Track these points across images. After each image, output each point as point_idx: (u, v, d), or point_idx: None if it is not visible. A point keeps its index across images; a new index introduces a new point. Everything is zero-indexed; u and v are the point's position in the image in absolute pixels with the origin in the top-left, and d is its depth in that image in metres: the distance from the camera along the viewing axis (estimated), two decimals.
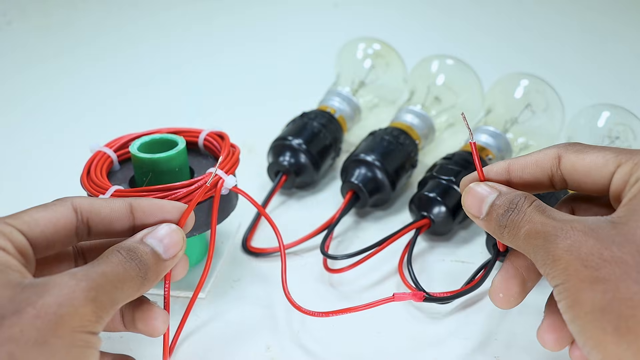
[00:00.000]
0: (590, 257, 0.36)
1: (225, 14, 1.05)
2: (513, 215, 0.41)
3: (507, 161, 0.44)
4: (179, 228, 0.41)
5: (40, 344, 0.33)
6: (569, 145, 0.42)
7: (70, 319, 0.34)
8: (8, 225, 0.37)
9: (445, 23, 1.03)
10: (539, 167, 0.42)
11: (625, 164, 0.39)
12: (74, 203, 0.40)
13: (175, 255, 0.41)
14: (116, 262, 0.38)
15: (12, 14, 1.03)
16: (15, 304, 0.34)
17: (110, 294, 0.37)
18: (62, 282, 0.35)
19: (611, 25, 0.98)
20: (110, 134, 0.58)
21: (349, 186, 0.60)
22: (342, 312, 0.46)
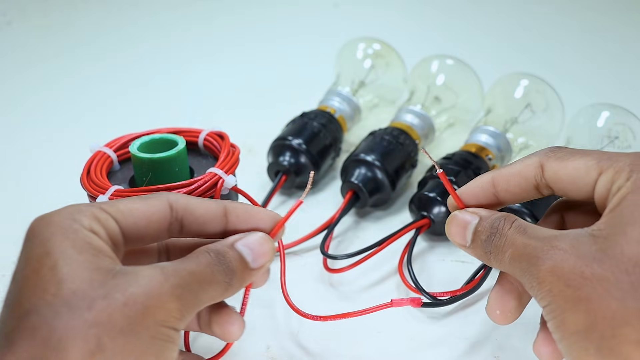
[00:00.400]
0: (572, 276, 0.36)
1: (225, 13, 1.05)
2: (496, 240, 0.40)
3: (491, 174, 0.43)
4: (270, 238, 0.41)
5: (126, 332, 0.33)
6: (550, 152, 0.42)
7: (156, 312, 0.34)
8: (104, 211, 0.38)
9: (445, 23, 1.03)
10: (523, 178, 0.42)
11: (607, 171, 0.39)
12: (171, 199, 0.40)
13: (263, 265, 0.40)
14: (205, 263, 0.38)
15: (12, 14, 1.03)
16: (105, 288, 0.34)
17: (196, 294, 0.37)
18: (151, 274, 0.35)
19: (611, 25, 0.98)
20: (110, 134, 0.58)
21: (349, 186, 0.60)
22: (339, 317, 0.46)
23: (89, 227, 0.36)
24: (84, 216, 0.36)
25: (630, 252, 0.35)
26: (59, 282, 0.34)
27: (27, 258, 0.35)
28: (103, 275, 0.34)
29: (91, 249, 0.35)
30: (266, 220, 0.41)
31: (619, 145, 0.58)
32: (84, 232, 0.36)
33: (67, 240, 0.35)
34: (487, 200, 0.43)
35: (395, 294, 0.54)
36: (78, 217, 0.36)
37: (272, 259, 0.41)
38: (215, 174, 0.50)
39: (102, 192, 0.49)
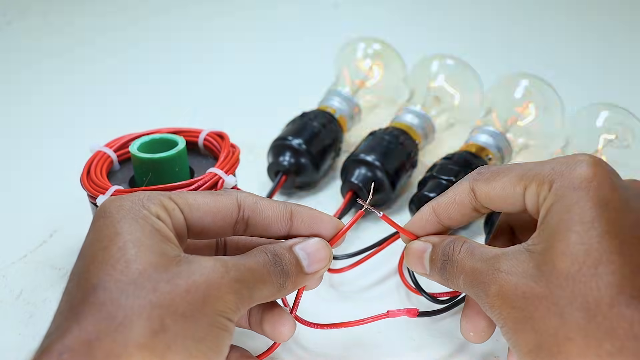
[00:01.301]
0: (516, 297, 0.37)
1: (225, 14, 1.05)
2: (449, 267, 0.42)
3: (430, 205, 0.44)
4: (328, 245, 0.42)
5: (187, 316, 0.35)
6: (477, 174, 0.43)
7: (215, 302, 0.36)
8: (172, 202, 0.39)
9: (445, 23, 1.03)
10: (459, 205, 0.43)
11: (530, 185, 0.40)
12: (240, 198, 0.41)
13: (318, 271, 0.41)
14: (262, 262, 0.39)
15: (12, 14, 1.03)
16: (170, 274, 0.35)
17: (251, 290, 0.38)
18: (213, 266, 0.37)
19: (611, 25, 0.98)
20: (110, 134, 0.58)
21: (349, 186, 0.60)
22: (335, 326, 0.46)
23: (157, 214, 0.38)
24: (152, 204, 0.38)
25: (562, 266, 0.36)
26: (127, 261, 0.35)
27: (97, 236, 0.37)
28: (168, 261, 0.36)
29: (158, 235, 0.37)
30: (329, 227, 0.42)
31: (618, 144, 0.59)
32: (152, 219, 0.37)
33: (136, 224, 0.36)
34: (435, 230, 0.45)
35: (395, 294, 0.54)
36: (147, 204, 0.38)
37: (328, 265, 0.42)
38: (215, 174, 0.50)
39: (102, 192, 0.49)
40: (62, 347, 0.33)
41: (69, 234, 0.60)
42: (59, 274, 0.56)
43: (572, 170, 0.38)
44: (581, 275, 0.36)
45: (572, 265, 0.36)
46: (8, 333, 0.51)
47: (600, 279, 0.35)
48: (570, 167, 0.38)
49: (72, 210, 0.61)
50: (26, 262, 0.57)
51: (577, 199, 0.37)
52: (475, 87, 0.67)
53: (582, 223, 0.36)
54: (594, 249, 0.36)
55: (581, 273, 0.36)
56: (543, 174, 0.39)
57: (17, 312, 0.52)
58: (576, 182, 0.37)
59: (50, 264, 0.57)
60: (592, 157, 0.39)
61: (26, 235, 0.60)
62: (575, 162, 0.38)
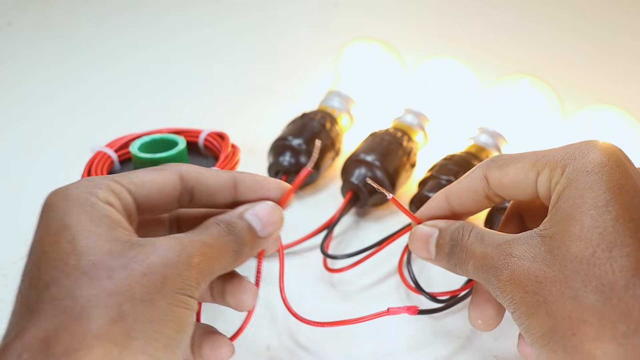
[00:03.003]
0: (528, 282, 0.37)
1: (225, 14, 1.05)
2: (457, 252, 0.42)
3: (443, 192, 0.44)
4: (278, 207, 0.41)
5: (146, 300, 0.34)
6: (491, 162, 0.42)
7: (174, 281, 0.35)
8: (118, 184, 0.38)
9: (445, 23, 1.03)
10: (472, 192, 0.43)
11: (543, 170, 0.40)
12: (182, 170, 0.40)
13: (272, 233, 0.41)
14: (216, 234, 0.39)
15: (13, 15, 1.03)
16: (124, 259, 0.35)
17: (210, 263, 0.37)
18: (168, 245, 0.36)
19: (611, 25, 0.98)
20: (110, 134, 0.58)
21: (349, 186, 0.60)
22: (335, 324, 0.46)
23: (105, 200, 0.37)
24: (99, 189, 0.37)
25: (575, 250, 0.36)
26: (79, 254, 0.34)
27: (45, 231, 0.36)
28: (121, 247, 0.35)
29: (108, 221, 0.36)
30: (275, 189, 0.42)
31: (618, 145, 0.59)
32: (100, 205, 0.36)
33: (84, 213, 0.36)
34: (445, 216, 0.45)
35: (395, 294, 0.54)
36: (94, 190, 0.37)
37: (281, 227, 0.41)
38: None
39: None
40: (21, 346, 0.32)
41: None
42: None
43: (585, 154, 0.38)
44: (595, 259, 0.36)
45: (586, 248, 0.36)
46: None
47: (614, 261, 0.35)
48: (583, 152, 0.38)
49: None
50: None
51: (590, 183, 0.37)
52: (475, 87, 0.67)
53: (596, 207, 0.36)
54: (608, 232, 0.36)
55: (595, 256, 0.36)
56: (556, 159, 0.39)
57: None
58: (589, 166, 0.38)
59: None
60: (605, 143, 0.39)
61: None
62: (588, 147, 0.39)
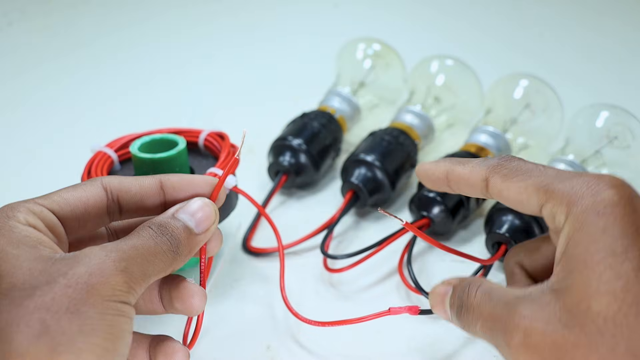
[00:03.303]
0: (545, 347, 0.33)
1: (225, 14, 1.05)
2: (464, 313, 0.39)
3: (447, 167, 0.43)
4: (210, 202, 0.41)
5: (72, 311, 0.33)
6: (497, 167, 0.40)
7: (101, 288, 0.34)
8: (38, 204, 0.38)
9: (445, 23, 1.03)
10: (471, 185, 0.42)
11: (547, 204, 0.37)
12: (104, 182, 0.40)
13: (208, 229, 0.40)
14: (147, 236, 0.38)
15: (13, 15, 1.03)
16: (46, 275, 0.34)
17: (141, 266, 0.36)
18: (92, 253, 0.35)
19: (611, 25, 0.98)
20: (110, 134, 0.58)
21: (349, 186, 0.60)
22: (336, 323, 0.46)
23: (25, 221, 0.36)
24: (17, 212, 0.37)
25: (598, 307, 0.32)
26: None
27: None
28: (43, 264, 0.35)
29: (29, 241, 0.35)
30: (203, 185, 0.41)
31: (618, 145, 0.59)
32: (19, 227, 0.36)
33: (2, 238, 0.35)
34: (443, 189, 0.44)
35: (395, 294, 0.54)
36: (12, 213, 0.37)
37: (216, 221, 0.41)
38: (216, 174, 0.51)
39: None
40: None
41: None
42: None
43: (594, 193, 0.35)
44: (622, 316, 0.32)
45: (609, 304, 0.32)
46: None
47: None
48: (591, 189, 0.35)
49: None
50: None
51: (603, 227, 0.33)
52: (474, 88, 0.67)
53: (614, 254, 0.33)
54: (632, 284, 0.32)
55: (622, 313, 0.32)
56: (562, 193, 0.36)
57: None
58: (600, 206, 0.34)
59: None
60: (614, 179, 0.35)
61: None
62: (597, 184, 0.35)
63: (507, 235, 0.53)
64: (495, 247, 0.54)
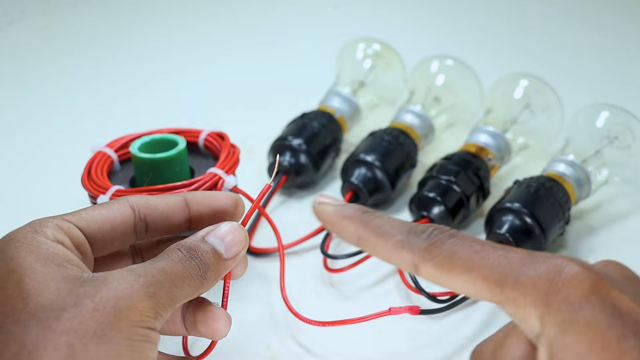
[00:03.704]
0: None
1: (225, 14, 1.05)
2: None
3: (358, 232, 0.36)
4: (241, 226, 0.40)
5: (99, 336, 0.33)
6: (426, 253, 0.34)
7: (128, 313, 0.34)
8: (66, 221, 0.38)
9: (445, 23, 1.03)
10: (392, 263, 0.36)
11: (506, 306, 0.32)
12: (130, 201, 0.40)
13: (237, 254, 0.40)
14: (176, 259, 0.37)
15: (13, 15, 1.03)
16: (74, 297, 0.33)
17: (169, 291, 0.36)
18: (120, 277, 0.35)
19: (611, 25, 0.98)
20: (110, 134, 0.58)
21: (349, 186, 0.60)
22: (337, 323, 0.46)
23: (53, 237, 0.36)
24: (46, 227, 0.36)
25: None
26: (26, 297, 0.33)
27: None
28: (71, 284, 0.34)
29: (57, 259, 0.35)
30: (227, 201, 0.41)
31: (618, 145, 0.59)
32: (47, 243, 0.36)
33: (30, 254, 0.35)
34: None
35: (395, 294, 0.54)
36: (40, 229, 0.36)
37: (246, 247, 0.40)
38: (216, 174, 0.51)
39: (102, 192, 0.49)
40: None
41: None
42: None
43: (562, 289, 0.30)
44: None
45: None
46: None
47: None
48: (556, 284, 0.30)
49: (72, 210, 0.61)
50: None
51: (589, 336, 0.29)
52: (474, 88, 0.67)
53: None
54: None
55: None
56: (522, 295, 0.31)
57: None
58: (575, 307, 0.30)
59: None
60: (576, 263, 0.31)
61: None
62: (558, 274, 0.31)
63: (508, 236, 0.53)
64: None
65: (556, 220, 0.54)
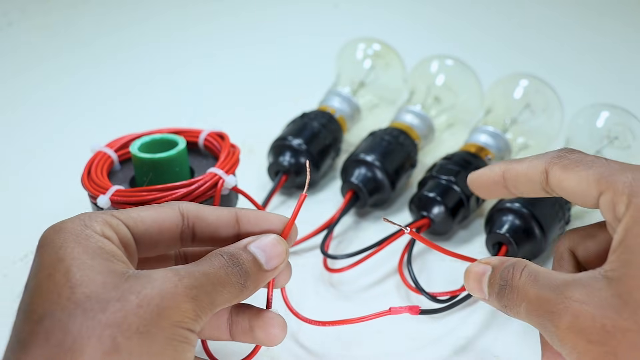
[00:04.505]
0: (594, 330, 0.34)
1: (225, 14, 1.05)
2: (507, 293, 0.39)
3: (502, 168, 0.43)
4: (282, 239, 0.41)
5: (141, 332, 0.33)
6: (557, 157, 0.41)
7: (171, 313, 0.34)
8: (115, 217, 0.38)
9: (445, 23, 1.03)
10: (529, 180, 0.42)
11: (606, 192, 0.37)
12: (182, 207, 0.40)
13: (277, 266, 0.40)
14: (218, 265, 0.38)
15: (13, 15, 1.03)
16: (119, 291, 0.34)
17: (210, 295, 0.36)
18: (165, 276, 0.35)
19: (611, 25, 0.98)
20: (110, 134, 0.58)
21: (349, 186, 0.60)
22: (337, 323, 0.46)
23: (101, 232, 0.37)
24: (95, 222, 0.37)
25: None
26: (73, 286, 0.34)
27: (40, 265, 0.36)
28: (116, 279, 0.35)
29: (104, 253, 0.36)
30: (277, 223, 0.42)
31: (619, 145, 0.59)
32: (96, 237, 0.36)
33: (79, 245, 0.35)
34: (498, 191, 0.44)
35: (395, 294, 0.54)
36: (90, 222, 0.37)
37: (286, 259, 0.41)
38: (216, 174, 0.51)
39: (102, 192, 0.49)
40: None
41: None
42: None
43: None
44: None
45: None
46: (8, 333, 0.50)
47: None
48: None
49: (72, 211, 0.61)
50: (27, 262, 0.57)
51: None
52: (474, 87, 0.67)
53: None
54: None
55: None
56: (622, 184, 0.36)
57: None
58: None
59: None
60: None
61: (27, 235, 0.60)
62: None
63: (508, 236, 0.53)
64: (496, 248, 0.54)
65: (556, 220, 0.54)
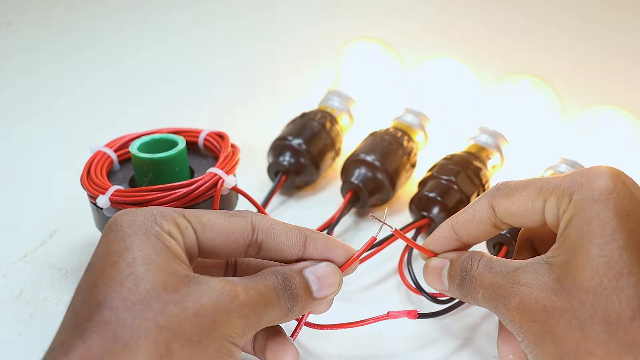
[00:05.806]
0: (536, 310, 0.37)
1: (225, 14, 1.05)
2: (467, 282, 0.42)
3: (449, 222, 0.44)
4: (338, 270, 0.41)
5: (194, 341, 0.34)
6: (496, 191, 0.42)
7: (222, 327, 0.35)
8: (185, 219, 0.38)
9: (445, 23, 1.03)
10: (478, 222, 0.43)
11: (550, 198, 0.40)
12: (254, 221, 0.40)
13: (327, 296, 0.41)
14: (272, 285, 0.38)
15: (12, 14, 1.03)
16: (178, 295, 0.35)
17: (259, 314, 0.37)
18: (223, 288, 0.36)
19: (611, 25, 0.98)
20: (110, 134, 0.58)
21: (349, 186, 0.60)
22: (336, 327, 0.46)
23: (168, 232, 0.37)
24: (165, 220, 0.37)
25: (582, 280, 0.36)
26: (136, 279, 0.34)
27: (106, 250, 0.36)
28: (177, 281, 0.35)
29: (169, 253, 0.36)
30: (342, 253, 0.42)
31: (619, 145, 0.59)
32: (163, 236, 0.37)
33: (147, 240, 0.36)
34: (453, 247, 0.45)
35: (395, 294, 0.54)
36: (160, 220, 0.37)
37: (338, 291, 0.41)
38: (215, 174, 0.51)
39: (102, 192, 0.49)
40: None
41: (69, 234, 0.60)
42: (59, 274, 0.56)
43: (591, 182, 0.38)
44: (602, 289, 0.36)
45: (592, 278, 0.36)
46: (8, 333, 0.51)
47: (621, 292, 0.35)
48: (589, 179, 0.38)
49: (72, 210, 0.61)
50: (26, 262, 0.57)
51: (597, 211, 0.37)
52: (475, 87, 0.67)
53: (603, 235, 0.36)
54: (615, 262, 0.36)
55: (602, 286, 0.36)
56: (563, 187, 0.39)
57: (17, 312, 0.52)
58: (596, 194, 0.37)
59: (50, 263, 0.57)
60: (611, 169, 0.39)
61: (26, 235, 0.60)
62: (594, 174, 0.38)
63: (508, 236, 0.53)
64: (497, 248, 0.54)
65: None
